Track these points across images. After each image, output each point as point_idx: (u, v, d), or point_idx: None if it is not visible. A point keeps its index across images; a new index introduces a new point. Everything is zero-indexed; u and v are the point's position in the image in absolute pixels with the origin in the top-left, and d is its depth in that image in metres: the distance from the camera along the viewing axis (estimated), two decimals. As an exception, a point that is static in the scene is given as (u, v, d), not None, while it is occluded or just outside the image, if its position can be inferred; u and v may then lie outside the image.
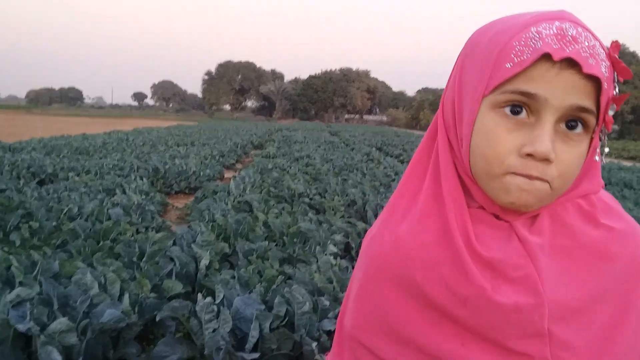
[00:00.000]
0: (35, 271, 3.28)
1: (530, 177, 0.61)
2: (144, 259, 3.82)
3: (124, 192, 6.82)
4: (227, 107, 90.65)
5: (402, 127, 58.49)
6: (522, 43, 0.60)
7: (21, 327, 2.50)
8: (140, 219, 5.42)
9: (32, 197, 6.00)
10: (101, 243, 4.21)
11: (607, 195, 0.73)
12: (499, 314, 0.62)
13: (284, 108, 79.47)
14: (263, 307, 2.85)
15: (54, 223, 4.77)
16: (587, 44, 0.59)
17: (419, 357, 0.66)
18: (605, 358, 0.63)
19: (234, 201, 6.34)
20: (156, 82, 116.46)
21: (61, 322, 2.52)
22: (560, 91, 0.59)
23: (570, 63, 0.59)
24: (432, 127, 0.74)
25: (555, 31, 0.59)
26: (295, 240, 4.51)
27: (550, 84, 0.59)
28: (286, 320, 2.83)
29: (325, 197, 6.95)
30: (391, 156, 16.11)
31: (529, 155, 0.60)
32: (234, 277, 3.46)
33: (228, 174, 10.92)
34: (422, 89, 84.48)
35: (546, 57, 0.59)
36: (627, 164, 17.06)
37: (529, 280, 0.63)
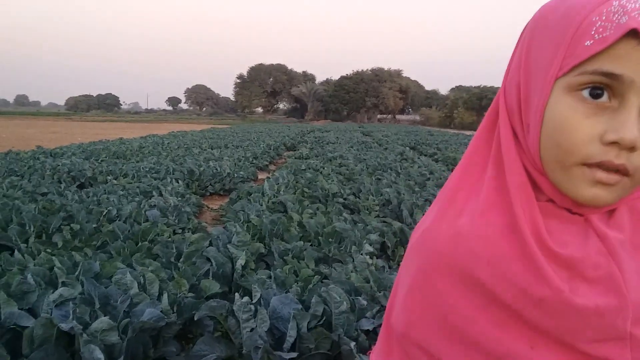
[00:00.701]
0: (77, 272, 3.35)
1: (613, 166, 0.55)
2: (181, 260, 3.87)
3: (160, 194, 6.93)
4: (260, 109, 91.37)
5: (435, 127, 57.84)
6: (604, 18, 0.54)
7: (64, 326, 2.55)
8: (176, 220, 5.50)
9: (72, 200, 6.16)
10: (139, 244, 4.28)
11: None
12: (577, 317, 0.57)
13: (316, 109, 79.62)
14: (300, 306, 2.84)
15: (94, 225, 4.87)
16: None
17: (483, 359, 0.61)
18: None
19: (268, 202, 6.37)
20: (190, 87, 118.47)
21: (103, 321, 2.56)
22: None
23: None
24: (491, 114, 0.67)
25: None
26: (330, 240, 4.50)
27: (638, 63, 0.53)
28: (324, 319, 2.81)
29: (359, 197, 6.92)
30: (425, 155, 15.95)
31: (613, 143, 0.54)
32: (270, 277, 3.47)
33: (262, 176, 10.98)
34: (456, 87, 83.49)
35: (633, 33, 0.52)
36: None
37: (610, 280, 0.58)
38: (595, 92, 0.55)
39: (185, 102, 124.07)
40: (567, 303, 0.57)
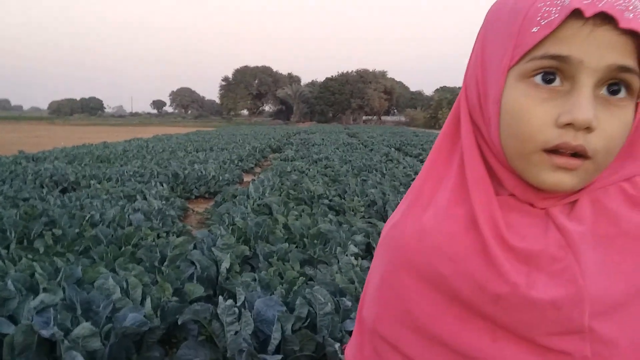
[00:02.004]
0: (59, 277, 3.31)
1: (570, 147, 0.55)
2: (165, 263, 3.84)
3: (144, 198, 6.88)
4: (245, 112, 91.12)
5: (420, 127, 58.13)
6: (549, 3, 0.54)
7: (45, 333, 2.51)
8: (161, 224, 5.45)
9: (55, 205, 6.09)
10: (123, 248, 4.24)
11: None
12: (534, 311, 0.57)
13: (302, 111, 79.60)
14: (284, 308, 2.83)
15: (77, 230, 4.82)
16: None
17: (447, 353, 0.62)
18: None
19: (253, 204, 6.35)
20: (175, 90, 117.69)
21: (84, 327, 2.53)
22: (595, 50, 0.53)
23: (605, 19, 0.52)
24: (455, 111, 0.68)
25: None
26: (315, 241, 4.50)
27: (584, 43, 0.53)
28: (308, 321, 2.81)
29: (344, 198, 6.92)
30: (410, 156, 16.01)
31: (568, 125, 0.54)
32: (255, 280, 3.45)
33: (247, 178, 10.95)
34: (440, 87, 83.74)
35: (577, 14, 0.53)
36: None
37: (568, 272, 0.57)
38: (547, 77, 0.55)
39: (170, 105, 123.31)
40: (523, 297, 0.57)
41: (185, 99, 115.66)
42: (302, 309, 2.80)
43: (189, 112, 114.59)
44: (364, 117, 79.29)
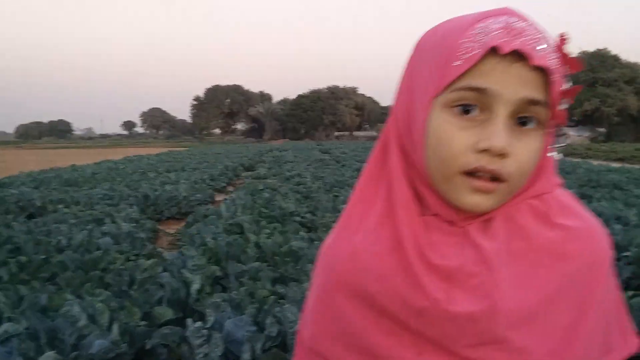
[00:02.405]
0: (23, 306, 3.23)
1: (486, 170, 0.60)
2: (134, 287, 3.78)
3: (113, 221, 6.77)
4: (217, 131, 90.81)
5: (392, 142, 58.66)
6: (470, 39, 0.59)
7: (8, 364, 2.45)
8: (130, 247, 5.37)
9: (20, 231, 5.94)
10: (90, 273, 4.16)
11: (564, 194, 0.71)
12: (454, 324, 0.61)
13: (274, 129, 79.71)
14: (255, 328, 2.81)
15: (43, 256, 4.70)
16: (534, 36, 0.59)
17: None
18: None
19: (225, 224, 6.30)
20: (145, 110, 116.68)
21: (49, 356, 2.48)
22: (511, 84, 0.59)
23: (519, 56, 0.58)
24: (384, 135, 0.72)
25: (502, 25, 0.59)
26: (287, 259, 4.48)
27: (501, 77, 0.58)
28: (279, 340, 2.79)
29: (316, 215, 6.94)
30: (382, 170, 16.11)
31: (485, 151, 0.59)
32: (225, 300, 3.42)
33: (219, 197, 10.88)
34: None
35: (494, 51, 0.58)
36: (616, 165, 17.19)
37: (484, 287, 0.61)
38: (467, 107, 0.61)
39: (141, 126, 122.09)
40: (443, 311, 0.61)
41: (157, 119, 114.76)
42: (272, 328, 2.79)
43: (161, 132, 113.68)
44: (336, 133, 79.73)
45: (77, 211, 7.62)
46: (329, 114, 74.33)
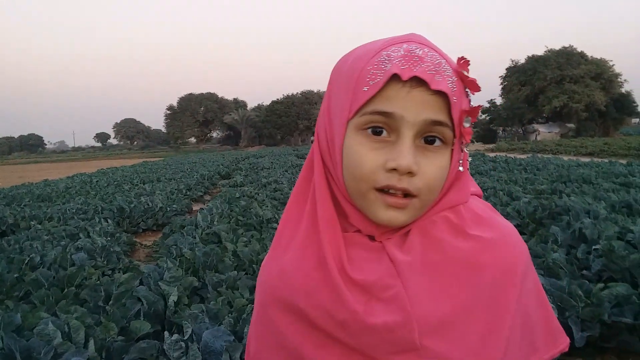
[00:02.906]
0: (-4, 326, 3.17)
1: (396, 188, 0.64)
2: (111, 302, 3.74)
3: (88, 235, 6.68)
4: (193, 139, 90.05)
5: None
6: (375, 67, 0.64)
7: (-19, 386, 2.41)
8: (105, 262, 5.32)
9: (-8, 250, 5.83)
10: (65, 290, 4.11)
11: (479, 205, 0.75)
12: (373, 334, 0.65)
13: (250, 136, 79.42)
14: (233, 338, 2.81)
15: (16, 275, 4.62)
16: (433, 62, 0.63)
17: None
18: None
19: (202, 234, 6.27)
20: (118, 122, 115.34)
21: (24, 377, 2.44)
22: (413, 108, 0.63)
23: (420, 81, 0.63)
24: (311, 154, 0.76)
25: (402, 53, 0.63)
26: (264, 267, 4.48)
27: (404, 102, 0.63)
28: (257, 349, 2.80)
29: (293, 221, 6.94)
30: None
31: (394, 170, 0.64)
32: (203, 311, 3.41)
33: (196, 207, 10.81)
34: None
35: (396, 77, 0.63)
36: (585, 159, 17.53)
37: (397, 299, 0.66)
38: (376, 129, 0.66)
39: (114, 137, 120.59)
40: (362, 322, 0.65)
41: (130, 130, 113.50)
42: (250, 336, 2.79)
43: (135, 143, 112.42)
44: (312, 138, 79.67)
45: (51, 227, 7.51)
46: (303, 119, 74.35)
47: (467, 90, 0.67)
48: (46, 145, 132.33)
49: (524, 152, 28.49)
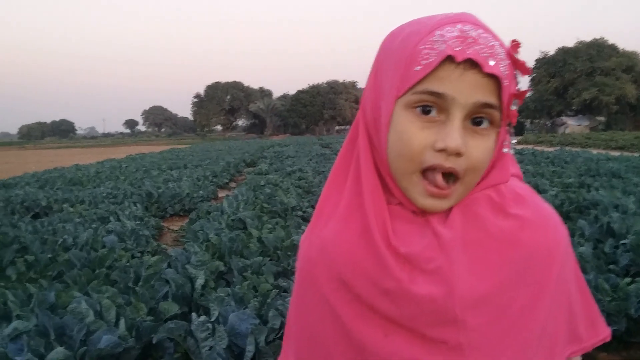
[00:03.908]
0: (32, 304, 3.30)
1: (443, 168, 0.65)
2: (140, 283, 3.85)
3: (118, 219, 6.85)
4: (219, 127, 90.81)
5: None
6: (428, 46, 0.64)
7: None
8: (135, 245, 5.45)
9: (26, 231, 6.03)
10: (97, 271, 4.24)
11: (520, 186, 0.76)
12: (415, 304, 0.67)
13: (275, 124, 79.69)
14: (258, 321, 2.88)
15: (49, 255, 4.79)
16: (487, 44, 0.64)
17: (350, 348, 0.71)
18: (518, 341, 0.68)
19: (227, 220, 6.37)
20: (147, 109, 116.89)
21: (58, 352, 2.55)
22: (465, 90, 0.64)
23: (473, 63, 0.63)
24: (354, 128, 0.77)
25: (457, 34, 0.63)
26: (289, 253, 4.55)
27: (456, 83, 0.64)
28: (281, 332, 2.86)
29: (318, 209, 6.99)
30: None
31: (442, 150, 0.65)
32: (229, 294, 3.49)
33: (222, 194, 10.95)
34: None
35: (450, 58, 0.63)
36: (615, 153, 17.17)
37: (441, 271, 0.67)
38: (426, 108, 0.66)
39: (143, 124, 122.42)
40: (406, 291, 0.67)
41: (158, 117, 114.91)
42: (275, 320, 2.85)
43: (162, 130, 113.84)
44: (337, 127, 79.68)
45: (82, 210, 7.71)
46: (328, 108, 74.26)
47: (516, 72, 0.67)
48: (77, 130, 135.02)
49: (552, 145, 28.03)
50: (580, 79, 48.50)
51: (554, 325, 0.71)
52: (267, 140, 49.43)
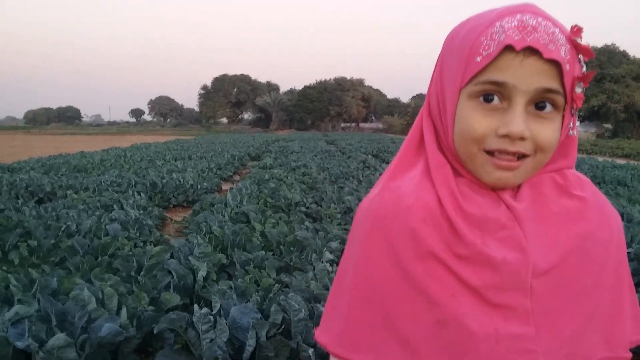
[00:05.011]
0: (34, 289, 3.31)
1: (508, 152, 0.68)
2: (142, 273, 3.85)
3: (121, 207, 6.86)
4: (224, 120, 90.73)
5: (398, 134, 58.36)
6: (489, 37, 0.68)
7: (20, 344, 2.53)
8: (138, 234, 5.45)
9: (30, 216, 6.04)
10: (99, 259, 4.24)
11: (578, 173, 0.80)
12: (491, 267, 0.69)
13: (281, 119, 79.64)
14: (259, 315, 2.88)
15: (53, 241, 4.80)
16: (546, 31, 0.66)
17: (420, 304, 0.71)
18: (580, 313, 0.71)
19: (231, 213, 6.37)
20: (153, 98, 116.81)
21: (59, 338, 2.55)
22: (526, 77, 0.67)
23: (533, 51, 0.66)
24: (419, 121, 0.81)
25: (516, 24, 0.66)
26: (292, 249, 4.55)
27: (517, 71, 0.67)
28: (283, 327, 2.86)
29: (321, 206, 6.99)
30: (387, 163, 16.14)
31: (505, 136, 0.68)
32: (231, 288, 3.49)
33: (226, 186, 10.95)
34: (417, 95, 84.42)
35: (510, 47, 0.66)
36: (621, 161, 17.10)
37: (515, 239, 0.70)
38: (488, 97, 0.70)
39: (148, 114, 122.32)
40: (480, 253, 0.69)
41: (164, 108, 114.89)
42: (276, 315, 2.85)
43: (168, 120, 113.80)
44: (343, 124, 79.59)
45: (86, 197, 7.72)
46: (335, 105, 74.11)
47: (579, 56, 0.69)
48: (83, 118, 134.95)
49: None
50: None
51: (603, 307, 0.74)
52: (272, 135, 49.41)
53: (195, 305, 2.89)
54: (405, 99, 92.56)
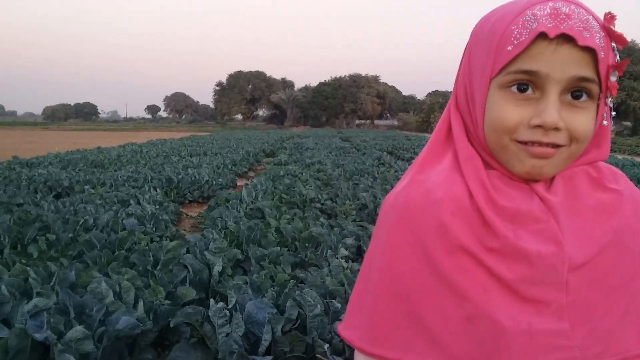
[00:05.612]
0: (52, 282, 3.35)
1: (542, 143, 0.66)
2: (158, 267, 3.88)
3: (138, 202, 6.91)
4: (239, 116, 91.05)
5: (413, 131, 58.13)
6: (520, 26, 0.65)
7: (39, 336, 2.56)
8: (154, 229, 5.50)
9: (49, 210, 6.12)
10: (116, 253, 4.28)
11: (611, 166, 0.79)
12: (525, 260, 0.67)
13: (295, 116, 79.69)
14: (275, 310, 2.88)
15: (70, 235, 4.85)
16: (580, 18, 0.64)
17: (451, 299, 0.69)
18: (616, 307, 0.69)
19: (246, 208, 6.40)
20: (169, 95, 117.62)
21: (77, 331, 2.57)
22: (559, 65, 0.64)
23: (566, 38, 0.63)
24: (446, 116, 0.79)
25: (549, 11, 0.64)
26: (307, 245, 4.55)
27: (550, 59, 0.64)
28: (298, 323, 2.86)
29: (336, 202, 6.98)
30: (402, 160, 16.09)
31: (538, 126, 0.66)
32: (246, 283, 3.50)
33: (241, 182, 10.99)
34: (432, 92, 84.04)
35: (543, 35, 0.64)
36: (642, 160, 16.85)
37: (550, 232, 0.68)
38: (521, 87, 0.67)
39: (164, 110, 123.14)
40: (513, 246, 0.67)
41: (180, 104, 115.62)
42: (292, 311, 2.85)
43: (183, 117, 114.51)
44: (357, 121, 79.44)
45: (103, 192, 7.80)
46: (350, 102, 73.93)
47: (613, 45, 0.67)
48: (100, 114, 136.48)
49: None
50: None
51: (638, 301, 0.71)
52: (286, 131, 49.48)
53: (211, 300, 2.90)
54: (420, 96, 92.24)
